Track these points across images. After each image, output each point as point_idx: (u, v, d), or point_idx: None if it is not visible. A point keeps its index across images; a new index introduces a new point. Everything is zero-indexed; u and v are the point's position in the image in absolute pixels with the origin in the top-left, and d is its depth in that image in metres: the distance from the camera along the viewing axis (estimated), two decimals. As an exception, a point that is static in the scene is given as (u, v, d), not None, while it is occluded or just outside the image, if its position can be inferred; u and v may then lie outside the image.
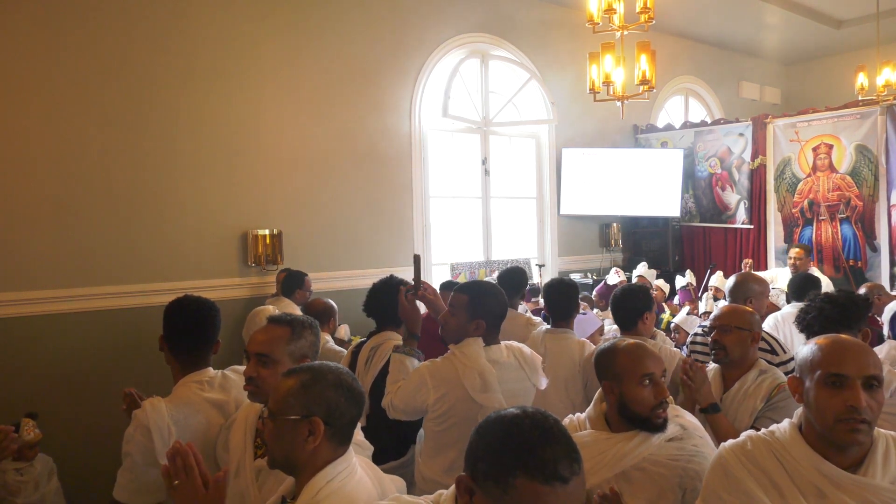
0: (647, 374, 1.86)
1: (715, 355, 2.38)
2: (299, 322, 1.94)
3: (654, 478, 1.80)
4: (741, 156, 6.52)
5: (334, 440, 1.48)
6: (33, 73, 3.87)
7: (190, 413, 1.99)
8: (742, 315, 2.39)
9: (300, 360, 1.87)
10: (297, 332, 1.91)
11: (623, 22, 4.26)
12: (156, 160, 4.28)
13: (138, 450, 1.89)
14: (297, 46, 4.88)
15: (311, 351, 1.94)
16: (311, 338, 1.95)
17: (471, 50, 6.00)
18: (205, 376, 2.09)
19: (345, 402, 1.49)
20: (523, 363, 2.38)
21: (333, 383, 1.49)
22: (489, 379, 2.25)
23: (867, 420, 1.44)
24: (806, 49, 8.54)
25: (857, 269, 5.77)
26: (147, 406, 1.94)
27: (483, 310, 2.33)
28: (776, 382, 2.28)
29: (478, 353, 2.29)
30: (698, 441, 1.86)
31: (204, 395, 2.05)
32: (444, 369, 2.28)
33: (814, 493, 1.46)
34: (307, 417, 1.44)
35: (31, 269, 3.85)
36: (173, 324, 2.13)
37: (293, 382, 1.49)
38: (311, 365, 1.55)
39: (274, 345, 1.87)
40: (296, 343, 1.90)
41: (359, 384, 1.56)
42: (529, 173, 6.67)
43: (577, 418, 2.03)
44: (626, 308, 2.88)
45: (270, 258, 4.68)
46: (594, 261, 6.89)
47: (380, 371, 2.67)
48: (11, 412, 3.68)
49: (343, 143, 5.13)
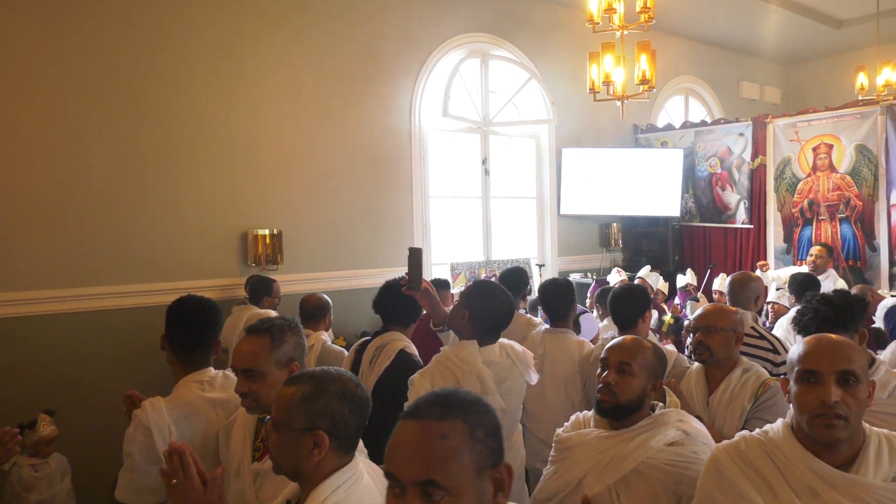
0: (603, 359, 1.96)
1: (699, 356, 2.38)
2: (277, 327, 1.87)
3: (649, 481, 1.79)
4: (741, 156, 6.52)
5: (340, 450, 1.46)
6: (33, 74, 3.87)
7: (190, 413, 1.99)
8: (726, 315, 2.39)
9: (288, 363, 1.84)
10: (277, 338, 1.85)
11: (623, 22, 4.26)
12: (156, 160, 4.28)
13: (139, 450, 1.89)
14: (297, 46, 4.88)
15: (297, 352, 1.89)
16: (294, 338, 1.89)
17: (471, 50, 6.00)
18: (205, 376, 2.09)
19: (349, 412, 1.46)
20: (516, 361, 2.38)
21: (337, 393, 1.46)
22: (487, 382, 2.25)
23: (842, 415, 1.44)
24: (806, 49, 8.54)
25: (856, 268, 5.77)
26: (147, 406, 1.93)
27: (473, 306, 2.34)
28: (760, 380, 2.29)
29: (474, 356, 2.28)
30: (700, 448, 1.84)
31: (204, 394, 2.04)
32: (441, 375, 2.26)
33: (807, 493, 1.46)
34: (311, 430, 1.42)
35: (31, 269, 3.85)
36: (176, 323, 2.11)
37: (295, 393, 1.46)
38: (313, 373, 1.51)
39: (257, 357, 1.81)
40: (279, 349, 1.84)
41: (363, 390, 1.53)
42: (529, 173, 6.67)
43: (584, 416, 2.04)
44: (627, 308, 2.88)
45: (270, 258, 4.68)
46: (594, 261, 6.89)
47: (384, 371, 2.65)
48: (11, 412, 3.68)
49: (343, 143, 5.13)
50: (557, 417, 2.85)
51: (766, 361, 2.70)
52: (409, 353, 2.69)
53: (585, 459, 1.87)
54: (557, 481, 1.91)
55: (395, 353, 2.65)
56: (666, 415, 1.90)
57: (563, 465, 1.93)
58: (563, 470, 1.92)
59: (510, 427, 2.40)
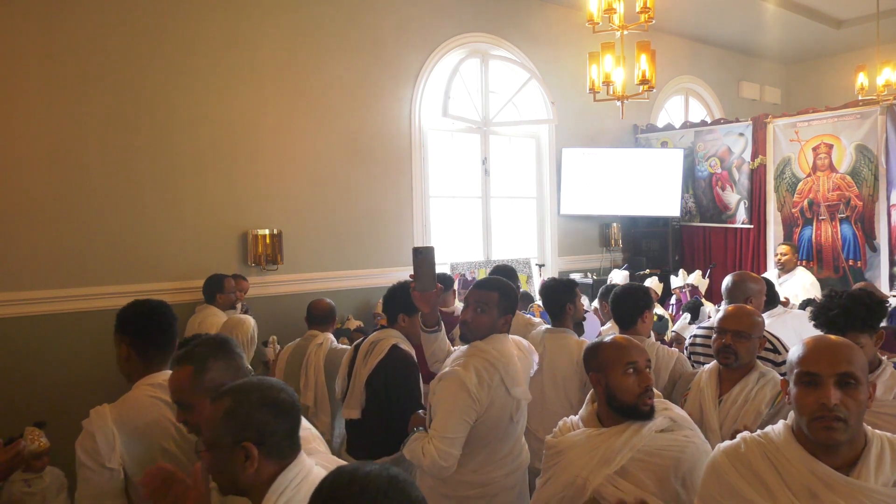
0: (631, 363, 1.91)
1: (725, 360, 2.35)
2: (198, 356, 1.78)
3: (651, 468, 1.81)
4: (741, 155, 6.52)
5: (275, 457, 1.45)
6: (32, 73, 3.87)
7: (136, 415, 1.94)
8: (757, 323, 2.39)
9: (218, 388, 1.75)
10: (198, 367, 1.77)
11: (623, 22, 4.26)
12: (156, 160, 4.28)
13: (88, 456, 1.86)
14: (297, 46, 4.88)
15: (227, 376, 1.77)
16: (221, 363, 1.79)
17: (471, 50, 6.00)
18: (159, 379, 2.03)
19: (274, 418, 1.44)
20: (526, 353, 2.46)
21: (258, 402, 1.44)
22: (520, 374, 2.33)
23: (841, 418, 1.44)
24: (806, 49, 8.54)
25: (856, 269, 5.77)
26: (92, 414, 1.92)
27: (512, 305, 2.42)
28: (779, 388, 2.29)
29: (510, 348, 2.34)
30: (689, 432, 1.89)
31: (156, 394, 2.00)
32: (485, 369, 2.27)
33: (806, 495, 1.46)
34: (238, 443, 1.41)
35: (31, 269, 3.85)
36: (144, 328, 2.06)
37: (217, 409, 1.45)
38: (232, 387, 1.49)
39: (181, 390, 1.76)
40: (201, 377, 1.75)
41: (288, 394, 1.49)
42: (529, 173, 6.67)
43: (571, 420, 2.05)
44: (627, 307, 2.88)
45: (270, 258, 4.68)
46: (594, 261, 6.89)
47: (377, 365, 2.68)
48: (11, 412, 3.68)
49: (343, 143, 5.13)
50: (557, 417, 2.84)
51: (767, 361, 2.70)
52: (402, 348, 2.73)
53: (578, 459, 1.88)
54: (553, 486, 1.92)
55: (387, 349, 2.70)
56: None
57: (556, 470, 1.94)
58: (558, 474, 1.92)
59: (525, 420, 2.49)
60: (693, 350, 3.07)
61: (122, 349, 2.08)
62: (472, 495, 2.32)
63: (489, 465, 2.34)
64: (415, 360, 2.75)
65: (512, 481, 2.39)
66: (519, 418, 2.41)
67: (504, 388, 2.28)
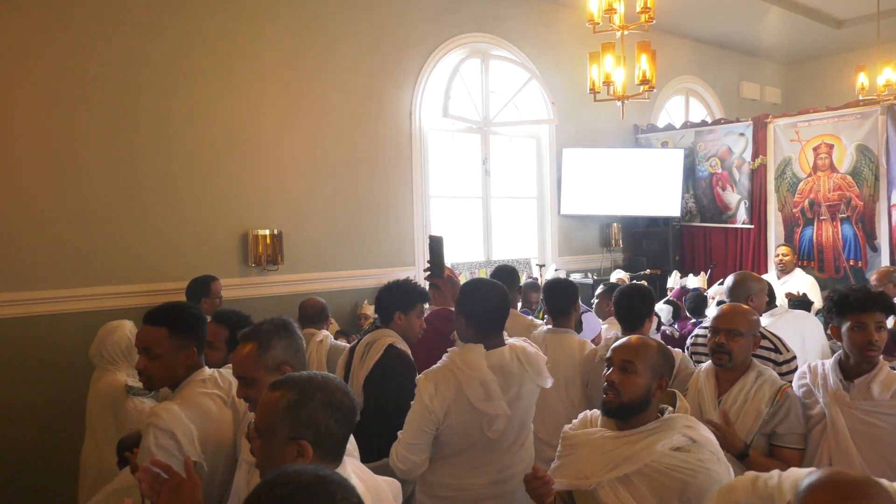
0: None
1: (718, 359, 2.35)
2: (264, 333, 1.86)
3: (653, 484, 1.77)
4: (742, 156, 6.52)
5: (325, 459, 1.43)
6: (32, 73, 3.86)
7: (204, 411, 1.99)
8: (751, 322, 2.38)
9: (278, 367, 1.82)
10: (263, 344, 1.84)
11: (623, 22, 4.26)
12: (156, 160, 4.27)
13: (167, 453, 1.83)
14: (297, 46, 4.88)
15: (288, 355, 1.86)
16: (284, 342, 1.86)
17: (471, 50, 5.99)
18: (204, 374, 2.10)
19: (335, 423, 1.43)
20: (527, 365, 2.27)
21: (323, 403, 1.43)
22: (492, 387, 2.18)
23: None
24: (806, 49, 8.54)
25: (857, 269, 5.76)
26: (162, 413, 1.89)
27: (465, 308, 2.29)
28: (777, 386, 2.29)
29: (479, 361, 2.20)
30: (706, 456, 1.79)
31: (208, 389, 2.06)
32: (444, 379, 2.21)
33: None
34: (294, 440, 1.40)
35: (31, 269, 3.85)
36: (203, 331, 2.15)
37: (279, 399, 1.43)
38: (298, 379, 1.47)
39: (246, 365, 1.83)
40: (266, 355, 1.83)
41: (350, 398, 1.49)
42: (529, 173, 6.67)
43: (593, 414, 2.03)
44: (633, 308, 2.86)
45: (270, 258, 4.67)
46: (594, 261, 6.89)
47: (374, 365, 2.66)
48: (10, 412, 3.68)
49: (343, 143, 5.12)
50: (558, 417, 2.85)
51: (769, 361, 2.70)
52: (398, 347, 2.70)
53: (589, 458, 1.86)
54: (559, 476, 1.91)
55: (384, 349, 2.67)
56: (674, 419, 1.86)
57: (566, 461, 1.93)
58: (567, 466, 1.92)
59: (518, 432, 2.34)
60: (695, 350, 3.07)
61: (187, 354, 2.07)
62: (450, 497, 2.27)
63: (470, 470, 2.26)
64: (412, 359, 2.73)
65: (497, 492, 2.27)
66: (500, 430, 2.22)
67: (467, 399, 2.18)
